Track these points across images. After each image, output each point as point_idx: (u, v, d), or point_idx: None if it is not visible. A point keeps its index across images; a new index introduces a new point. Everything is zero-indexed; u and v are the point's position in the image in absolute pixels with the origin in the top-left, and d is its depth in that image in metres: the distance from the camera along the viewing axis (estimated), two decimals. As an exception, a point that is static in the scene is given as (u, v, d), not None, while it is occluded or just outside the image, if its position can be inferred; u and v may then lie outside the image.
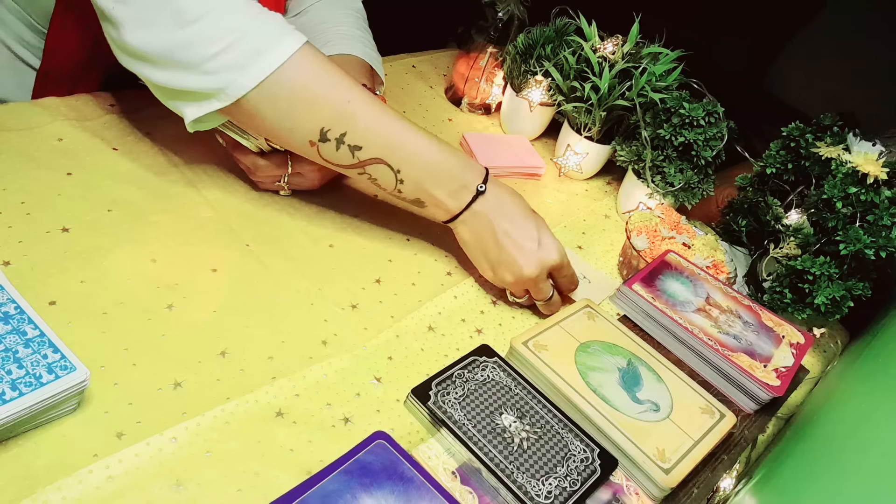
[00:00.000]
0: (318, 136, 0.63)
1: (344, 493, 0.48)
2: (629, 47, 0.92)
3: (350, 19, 0.93)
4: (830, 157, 0.79)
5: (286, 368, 0.59)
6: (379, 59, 0.90)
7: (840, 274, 0.75)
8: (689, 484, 0.60)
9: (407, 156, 0.66)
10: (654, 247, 0.81)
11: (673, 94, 0.88)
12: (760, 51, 1.66)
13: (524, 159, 0.97)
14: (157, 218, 0.68)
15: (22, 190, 0.65)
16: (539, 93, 0.98)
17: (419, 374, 0.63)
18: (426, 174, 0.67)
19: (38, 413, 0.47)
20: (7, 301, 0.51)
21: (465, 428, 0.56)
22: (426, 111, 1.03)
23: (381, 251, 0.75)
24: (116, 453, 0.49)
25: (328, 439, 0.55)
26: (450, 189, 0.67)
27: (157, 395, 0.53)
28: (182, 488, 0.48)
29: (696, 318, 0.72)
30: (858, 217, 0.75)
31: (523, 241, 0.68)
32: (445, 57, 1.19)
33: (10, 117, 0.72)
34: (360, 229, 0.76)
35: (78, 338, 0.54)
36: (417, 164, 0.66)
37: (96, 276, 0.60)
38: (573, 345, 0.65)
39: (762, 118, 1.17)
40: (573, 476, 0.55)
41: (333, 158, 0.65)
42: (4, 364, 0.47)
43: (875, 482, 0.46)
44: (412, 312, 0.69)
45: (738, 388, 0.68)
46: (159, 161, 0.74)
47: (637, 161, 0.90)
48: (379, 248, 0.75)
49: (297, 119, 0.63)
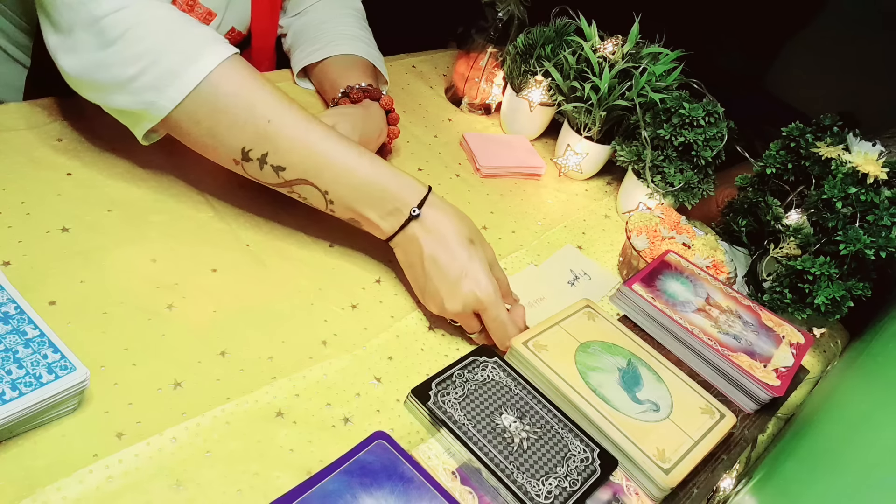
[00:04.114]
0: (240, 155, 0.63)
1: (344, 493, 0.48)
2: (629, 47, 0.92)
3: (350, 19, 0.93)
4: (830, 157, 0.79)
5: (286, 368, 0.59)
6: (381, 59, 0.90)
7: (840, 274, 0.75)
8: (689, 484, 0.60)
9: (334, 176, 0.63)
10: (654, 247, 0.81)
11: (673, 94, 0.88)
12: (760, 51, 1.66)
13: (524, 159, 0.97)
14: (157, 218, 0.68)
15: (22, 190, 0.65)
16: (539, 93, 0.98)
17: (419, 374, 0.63)
18: (356, 195, 0.64)
19: (38, 413, 0.47)
20: (7, 301, 0.51)
21: (465, 428, 0.56)
22: (426, 111, 1.03)
23: (382, 251, 0.74)
24: (116, 453, 0.49)
25: (328, 439, 0.55)
26: (382, 211, 0.65)
27: (157, 396, 0.53)
28: (182, 488, 0.48)
29: (696, 318, 0.72)
30: (858, 217, 0.75)
31: (449, 272, 0.63)
32: (445, 57, 1.19)
33: (9, 117, 0.72)
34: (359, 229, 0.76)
35: (78, 338, 0.54)
36: (346, 185, 0.64)
37: (96, 276, 0.60)
38: (573, 345, 0.65)
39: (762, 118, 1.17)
40: (573, 476, 0.55)
41: (259, 177, 0.65)
42: (4, 364, 0.47)
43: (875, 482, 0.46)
44: (412, 312, 0.69)
45: (738, 388, 0.68)
46: (159, 161, 0.74)
47: (637, 161, 0.90)
48: (379, 248, 0.75)
49: (218, 137, 0.62)
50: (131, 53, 0.58)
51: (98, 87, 0.61)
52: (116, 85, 0.59)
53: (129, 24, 0.58)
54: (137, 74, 0.59)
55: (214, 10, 0.82)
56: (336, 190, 0.64)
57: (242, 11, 0.87)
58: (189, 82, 0.59)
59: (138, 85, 0.59)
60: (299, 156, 0.62)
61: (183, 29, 0.60)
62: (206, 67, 0.59)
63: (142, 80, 0.59)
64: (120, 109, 0.62)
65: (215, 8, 0.82)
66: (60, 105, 0.76)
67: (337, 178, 0.63)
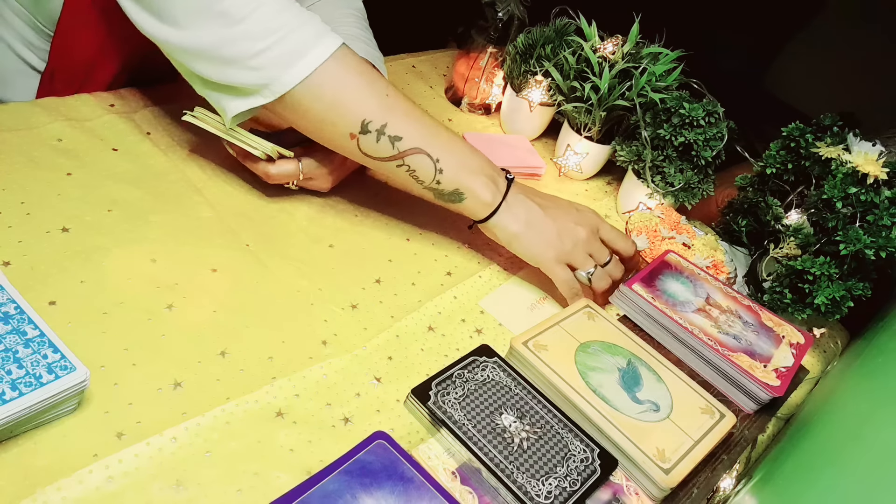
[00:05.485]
0: (359, 128, 0.65)
1: (344, 493, 0.48)
2: (629, 47, 0.92)
3: (351, 19, 0.93)
4: (830, 158, 0.79)
5: (286, 368, 0.59)
6: (381, 59, 0.90)
7: (840, 274, 0.75)
8: (689, 484, 0.60)
9: (443, 144, 0.67)
10: (654, 247, 0.81)
11: (673, 94, 0.88)
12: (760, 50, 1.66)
13: (524, 159, 0.97)
14: (157, 218, 0.68)
15: (22, 190, 0.65)
16: (539, 93, 0.98)
17: (419, 374, 0.63)
18: (463, 164, 0.68)
19: (38, 413, 0.47)
20: (7, 301, 0.51)
21: (465, 428, 0.56)
22: (426, 111, 1.03)
23: (381, 251, 0.75)
24: (116, 453, 0.48)
25: (328, 439, 0.55)
26: (484, 179, 0.69)
27: (157, 395, 0.53)
28: (182, 488, 0.48)
29: (696, 318, 0.72)
30: (858, 217, 0.75)
31: (564, 205, 0.72)
32: (445, 57, 1.19)
33: (9, 117, 0.72)
34: (360, 229, 0.76)
35: (78, 338, 0.54)
36: (455, 153, 0.68)
37: (96, 276, 0.60)
38: (573, 345, 0.65)
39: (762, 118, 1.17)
40: (573, 476, 0.55)
41: (373, 151, 0.66)
42: (4, 364, 0.47)
43: (875, 482, 0.46)
44: (412, 312, 0.69)
45: (738, 388, 0.68)
46: (159, 161, 0.74)
47: (637, 161, 0.90)
48: (379, 248, 0.75)
49: (340, 110, 0.64)
50: (262, 29, 0.60)
51: (220, 60, 0.61)
52: (239, 60, 0.61)
53: (255, 4, 0.60)
54: (265, 49, 0.60)
55: None
56: (447, 159, 0.67)
57: None
58: (318, 57, 0.61)
59: (263, 60, 0.61)
60: (414, 125, 0.66)
61: (303, 12, 0.63)
62: (332, 45, 0.62)
63: (269, 54, 0.60)
64: (229, 84, 0.63)
65: None
66: (61, 105, 0.76)
67: (446, 146, 0.67)
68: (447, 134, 0.68)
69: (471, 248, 0.79)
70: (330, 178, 0.75)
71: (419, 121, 0.67)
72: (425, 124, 0.67)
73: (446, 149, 0.67)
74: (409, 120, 0.66)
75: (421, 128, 0.66)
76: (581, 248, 0.71)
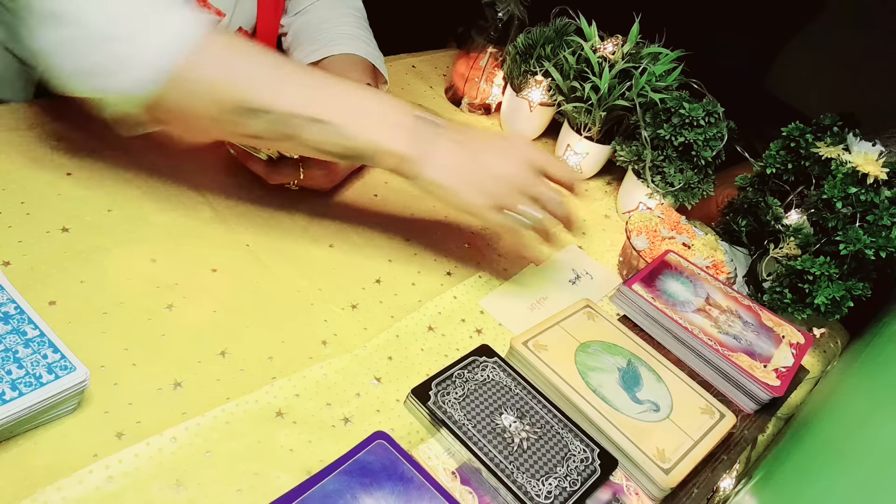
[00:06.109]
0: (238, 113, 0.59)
1: (344, 493, 0.48)
2: (629, 47, 0.92)
3: (351, 19, 0.93)
4: (830, 158, 0.79)
5: (286, 368, 0.59)
6: (381, 58, 0.90)
7: (840, 274, 0.75)
8: (689, 484, 0.60)
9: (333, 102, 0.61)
10: (654, 247, 0.81)
11: (673, 94, 0.88)
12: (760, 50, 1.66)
13: (524, 159, 0.97)
14: (157, 218, 0.68)
15: (22, 190, 0.65)
16: (539, 93, 0.98)
17: (419, 374, 0.63)
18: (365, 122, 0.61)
19: (38, 413, 0.47)
20: (7, 301, 0.51)
21: (465, 428, 0.56)
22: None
23: (381, 251, 0.74)
24: (116, 453, 0.49)
25: (328, 439, 0.55)
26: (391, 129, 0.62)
27: (157, 395, 0.53)
28: (182, 488, 0.48)
29: (696, 318, 0.72)
30: (858, 217, 0.75)
31: (495, 143, 0.66)
32: (445, 57, 1.19)
33: (10, 117, 0.72)
34: (360, 229, 0.76)
35: (78, 338, 0.54)
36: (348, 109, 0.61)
37: (96, 276, 0.60)
38: (573, 345, 0.65)
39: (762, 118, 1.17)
40: (573, 476, 0.55)
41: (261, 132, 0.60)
42: (4, 364, 0.47)
43: (875, 482, 0.46)
44: (412, 312, 0.69)
45: (738, 388, 0.68)
46: (159, 161, 0.74)
47: (637, 161, 0.90)
48: (379, 248, 0.75)
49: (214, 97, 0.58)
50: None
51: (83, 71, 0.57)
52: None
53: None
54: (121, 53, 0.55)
55: (223, 11, 0.82)
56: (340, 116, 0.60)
57: (249, 11, 0.87)
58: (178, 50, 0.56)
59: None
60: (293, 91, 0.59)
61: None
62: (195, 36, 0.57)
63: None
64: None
65: (224, 8, 0.82)
66: (60, 105, 0.76)
67: (337, 102, 0.61)
68: (338, 87, 0.61)
69: (471, 248, 0.79)
70: (330, 178, 0.75)
71: (319, 87, 0.60)
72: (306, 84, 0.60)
73: (338, 106, 0.60)
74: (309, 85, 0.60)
75: (302, 91, 0.60)
76: (516, 189, 0.64)
